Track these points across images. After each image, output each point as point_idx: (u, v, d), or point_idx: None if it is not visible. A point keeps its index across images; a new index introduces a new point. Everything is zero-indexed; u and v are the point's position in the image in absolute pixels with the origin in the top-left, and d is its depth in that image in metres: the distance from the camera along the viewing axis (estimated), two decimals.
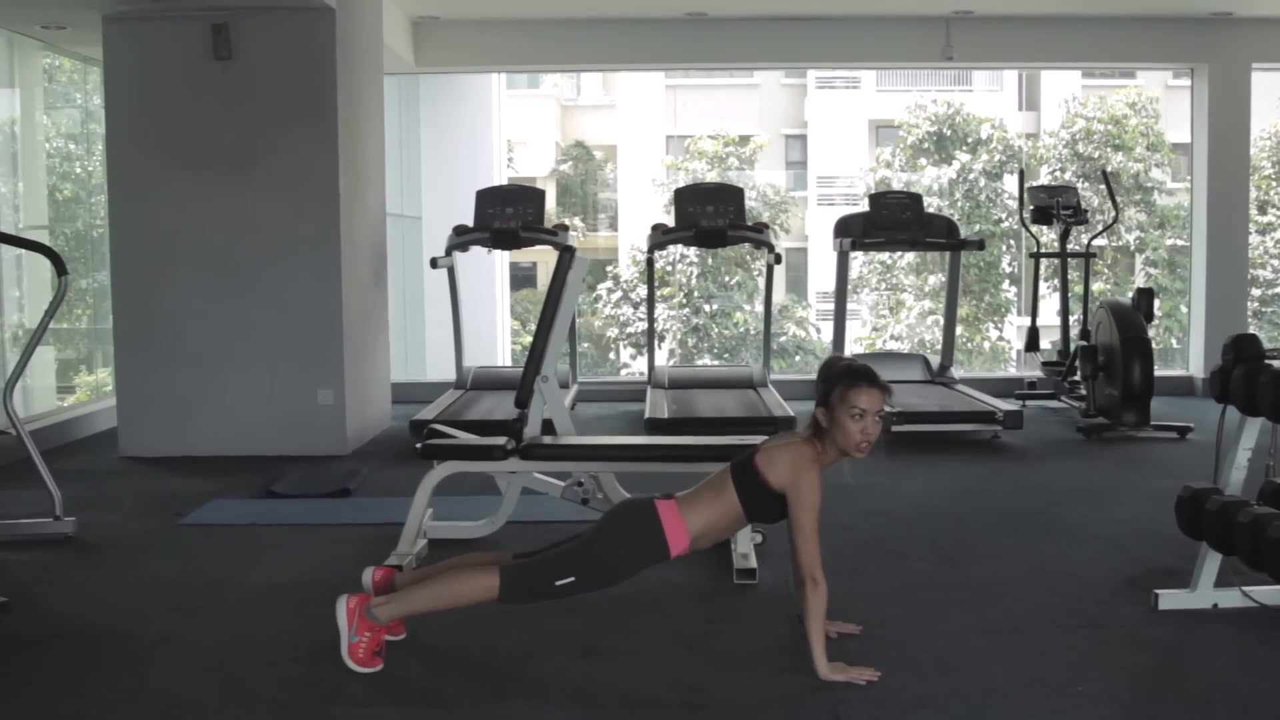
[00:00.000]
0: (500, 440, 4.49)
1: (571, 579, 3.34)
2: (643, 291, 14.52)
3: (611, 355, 17.23)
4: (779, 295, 17.20)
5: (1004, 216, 16.78)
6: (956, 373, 8.88)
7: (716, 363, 16.03)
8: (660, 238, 8.61)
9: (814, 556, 3.31)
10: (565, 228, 8.51)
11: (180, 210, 6.92)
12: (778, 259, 8.58)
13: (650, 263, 9.16)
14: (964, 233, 9.41)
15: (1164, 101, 16.88)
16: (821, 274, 17.69)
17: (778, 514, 3.42)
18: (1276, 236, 16.36)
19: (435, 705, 3.22)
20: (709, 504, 3.42)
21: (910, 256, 16.54)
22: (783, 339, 16.81)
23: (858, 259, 16.40)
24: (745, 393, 8.40)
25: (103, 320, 8.38)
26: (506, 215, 8.25)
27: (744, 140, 18.53)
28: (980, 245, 8.75)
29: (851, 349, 9.66)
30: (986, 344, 16.97)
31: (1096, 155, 16.69)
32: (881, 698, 3.20)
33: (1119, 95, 17.08)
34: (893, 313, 17.22)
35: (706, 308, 16.94)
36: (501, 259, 13.28)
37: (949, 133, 17.30)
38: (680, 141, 19.09)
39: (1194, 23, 9.38)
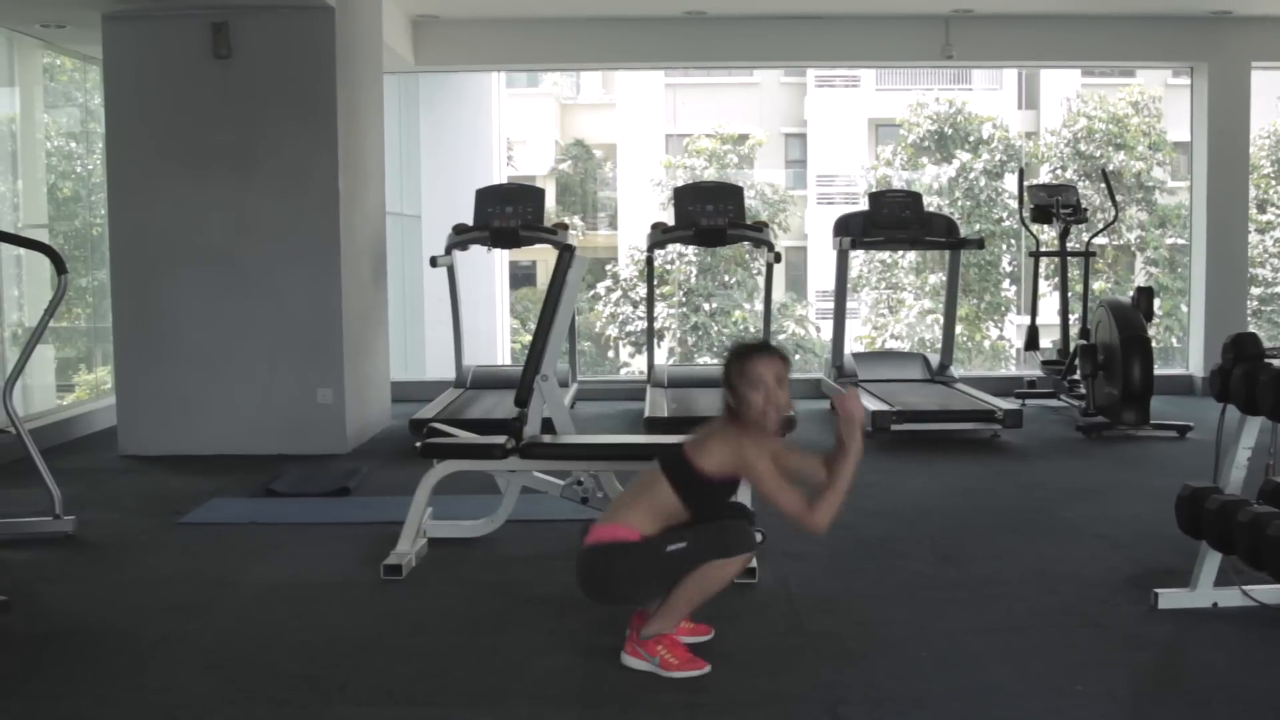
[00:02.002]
0: (500, 439, 4.49)
1: (672, 550, 3.29)
2: (642, 290, 14.52)
3: (611, 354, 17.24)
4: (778, 294, 17.19)
5: (1004, 215, 16.78)
6: (956, 372, 8.88)
7: (716, 361, 15.99)
8: (660, 236, 8.61)
9: (799, 506, 3.28)
10: (565, 226, 8.51)
11: (180, 209, 6.92)
12: (777, 258, 8.57)
13: (650, 261, 9.16)
14: (964, 232, 9.41)
15: (1163, 100, 16.87)
16: (821, 273, 17.68)
17: (719, 502, 3.40)
18: (1276, 235, 16.35)
19: (435, 705, 3.22)
20: (648, 504, 3.36)
21: (910, 255, 16.54)
22: (782, 337, 16.80)
23: (857, 258, 16.39)
24: None
25: (102, 319, 8.38)
26: (506, 214, 8.24)
27: (742, 138, 18.54)
28: (980, 244, 8.75)
29: (851, 347, 9.66)
30: (986, 343, 16.97)
31: (1098, 154, 16.68)
32: (881, 697, 3.20)
33: (1121, 94, 17.08)
34: (892, 312, 17.22)
35: (706, 306, 16.94)
36: (501, 258, 13.27)
37: (950, 131, 17.30)
38: (680, 140, 19.08)
39: (1193, 21, 9.37)
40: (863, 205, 9.00)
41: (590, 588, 3.42)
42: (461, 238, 8.27)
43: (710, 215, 8.32)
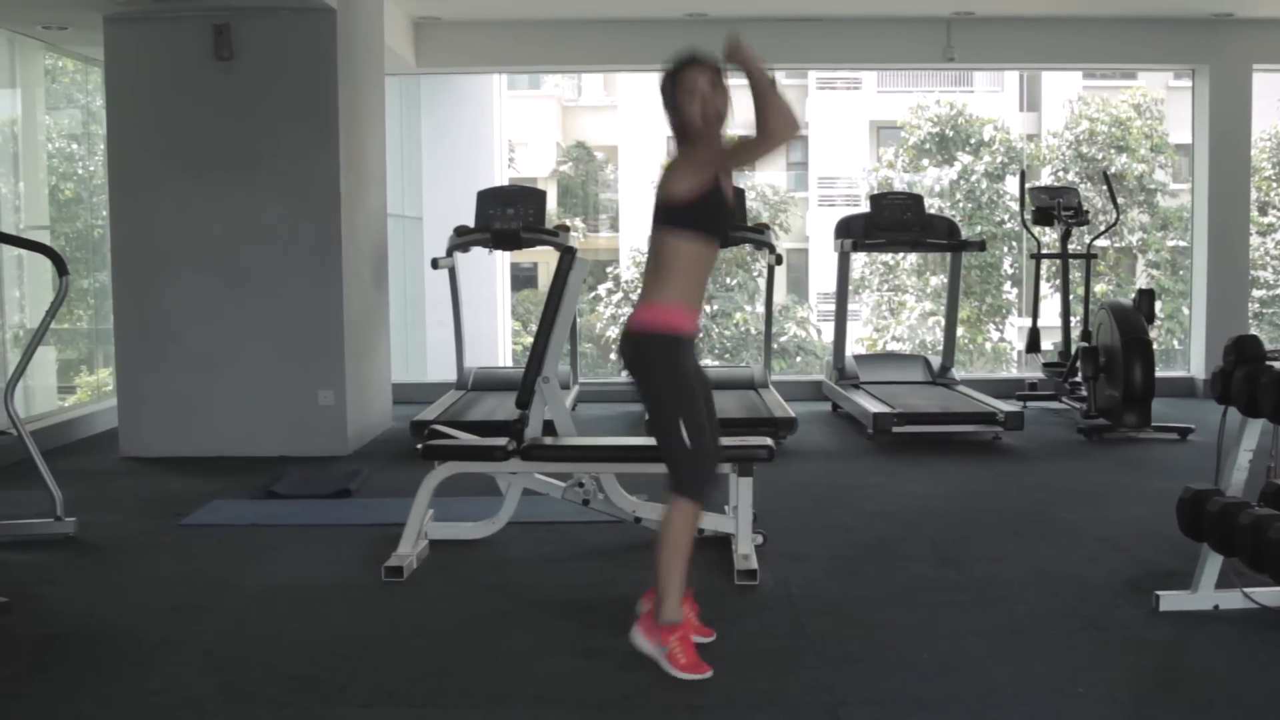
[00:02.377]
0: (501, 441, 4.50)
1: (683, 429, 3.35)
2: None
3: (612, 356, 17.23)
4: (780, 296, 17.18)
5: (1006, 218, 16.77)
6: (958, 374, 8.88)
7: (717, 363, 16.01)
8: None
9: (750, 140, 3.29)
10: (566, 228, 8.51)
11: (181, 210, 6.92)
12: (778, 259, 8.57)
13: None
14: (965, 234, 9.40)
15: (1165, 103, 16.87)
16: (822, 275, 17.67)
17: (720, 218, 3.42)
18: (1277, 238, 16.34)
19: (435, 705, 3.22)
20: (672, 265, 3.38)
21: (912, 257, 16.53)
22: (783, 339, 16.79)
23: (859, 260, 16.38)
24: (746, 394, 8.39)
25: (104, 320, 8.38)
26: (507, 216, 8.24)
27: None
28: (981, 246, 8.74)
29: (852, 349, 9.65)
30: (988, 345, 16.95)
31: (1100, 156, 16.68)
32: (882, 698, 3.20)
33: (1123, 96, 17.08)
34: (894, 314, 17.21)
35: (707, 308, 16.92)
36: (502, 260, 13.27)
37: (951, 134, 17.30)
38: None
39: (1195, 24, 9.38)
40: (864, 207, 8.99)
41: (629, 371, 3.48)
42: (463, 239, 8.27)
43: None
